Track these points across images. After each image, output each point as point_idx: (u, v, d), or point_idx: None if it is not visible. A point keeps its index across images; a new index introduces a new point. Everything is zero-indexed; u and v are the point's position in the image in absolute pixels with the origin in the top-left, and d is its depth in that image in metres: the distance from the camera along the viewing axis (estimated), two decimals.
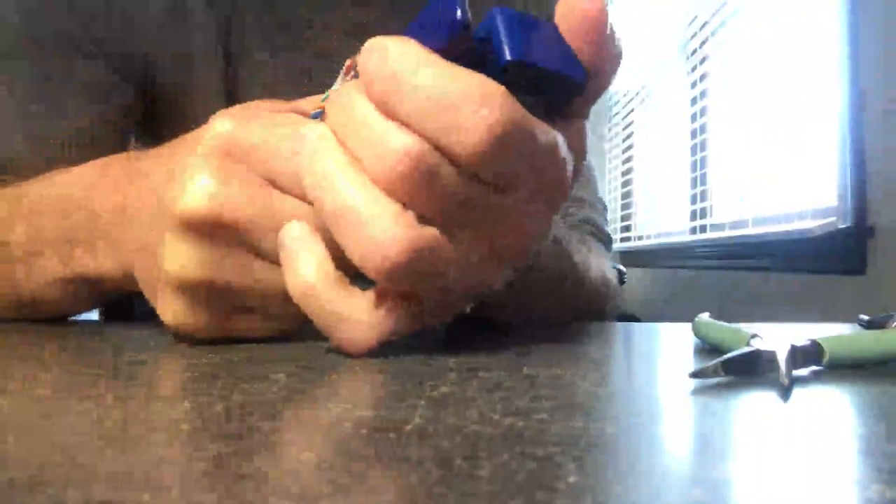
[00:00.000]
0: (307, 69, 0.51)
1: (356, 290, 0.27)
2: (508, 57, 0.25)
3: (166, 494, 0.12)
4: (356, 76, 0.28)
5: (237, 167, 0.28)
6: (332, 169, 0.26)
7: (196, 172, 0.28)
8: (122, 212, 0.33)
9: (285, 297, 0.29)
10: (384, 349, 0.27)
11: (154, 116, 0.52)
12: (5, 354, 0.30)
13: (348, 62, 0.29)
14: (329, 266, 0.27)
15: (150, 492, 0.12)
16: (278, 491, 0.12)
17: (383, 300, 0.27)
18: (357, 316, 0.27)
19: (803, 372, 0.24)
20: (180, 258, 0.28)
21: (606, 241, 0.64)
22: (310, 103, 0.31)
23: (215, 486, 0.12)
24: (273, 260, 0.29)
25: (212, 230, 0.28)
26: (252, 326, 0.31)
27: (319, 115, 0.29)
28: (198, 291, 0.29)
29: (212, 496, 0.12)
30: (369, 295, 0.27)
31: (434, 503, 0.11)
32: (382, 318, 0.27)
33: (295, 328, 0.31)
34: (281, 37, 0.51)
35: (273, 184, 0.28)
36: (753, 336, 0.25)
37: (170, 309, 0.30)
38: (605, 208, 0.66)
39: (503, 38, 0.25)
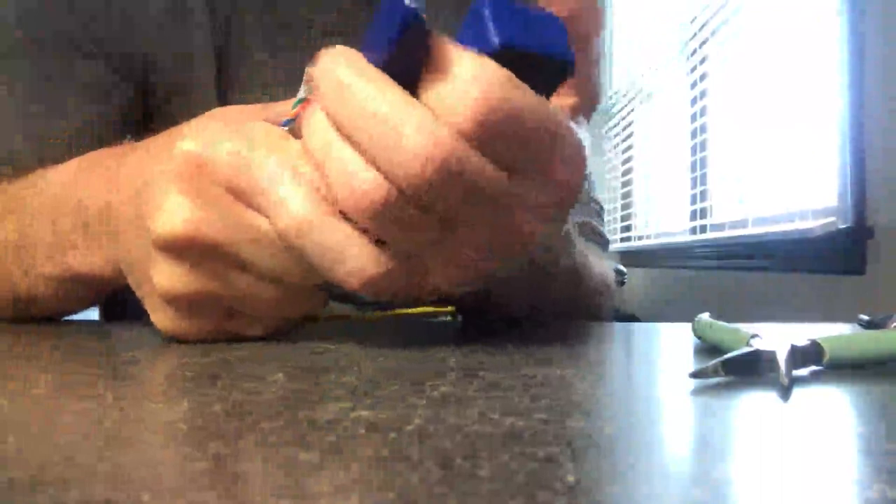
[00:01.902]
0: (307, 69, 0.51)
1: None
2: (496, 41, 0.25)
3: (166, 494, 0.12)
4: None
5: (205, 185, 0.28)
6: (309, 214, 0.26)
7: (167, 195, 0.28)
8: (108, 212, 0.34)
9: (274, 304, 0.30)
10: (384, 342, 0.27)
11: (154, 116, 0.52)
12: (4, 355, 0.30)
13: (309, 70, 0.29)
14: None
15: (150, 492, 0.12)
16: (278, 491, 0.12)
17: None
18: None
19: (803, 372, 0.24)
20: (166, 274, 0.29)
21: (604, 243, 0.64)
22: (284, 106, 0.31)
23: (215, 485, 0.12)
24: (254, 270, 0.29)
25: (190, 249, 0.28)
26: (242, 328, 0.31)
27: (290, 124, 0.29)
28: (186, 302, 0.30)
29: (211, 496, 0.12)
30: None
31: (434, 503, 0.11)
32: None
33: (285, 329, 0.32)
34: (281, 37, 0.51)
35: (241, 197, 0.28)
36: (753, 336, 0.25)
37: (161, 316, 0.31)
38: (601, 209, 0.66)
39: (489, 23, 0.25)
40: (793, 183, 1.43)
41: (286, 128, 0.29)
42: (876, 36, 1.10)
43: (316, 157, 0.26)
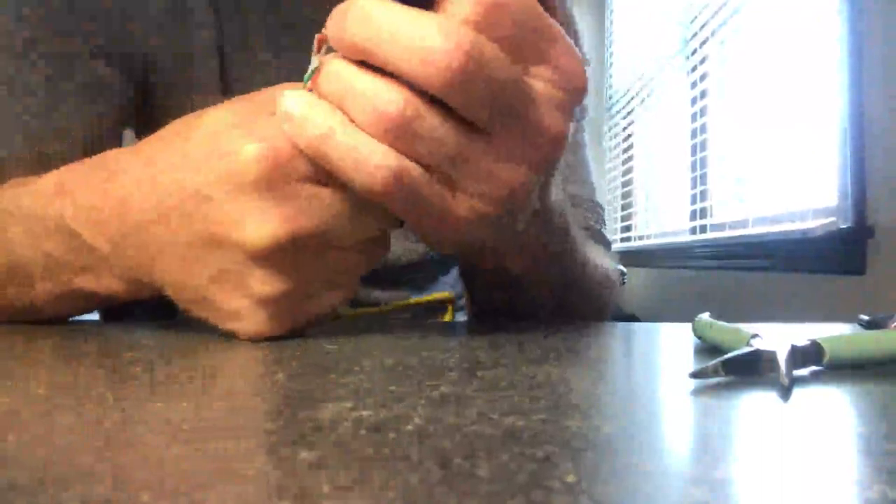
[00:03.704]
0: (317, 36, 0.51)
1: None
2: None
3: (166, 494, 0.12)
4: (329, 50, 0.29)
5: (281, 180, 0.29)
6: (329, 121, 0.28)
7: (247, 204, 0.29)
8: (113, 242, 0.33)
9: (354, 267, 0.32)
10: (383, 342, 0.27)
11: (154, 116, 0.52)
12: (5, 355, 0.30)
13: (318, 36, 0.30)
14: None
15: (150, 492, 0.12)
16: (278, 491, 0.12)
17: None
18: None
19: (803, 372, 0.24)
20: (267, 280, 0.30)
21: (605, 244, 0.64)
22: (271, 91, 0.32)
23: (215, 485, 0.12)
24: (339, 242, 0.31)
25: (291, 247, 0.29)
26: (317, 308, 0.32)
27: None
28: (285, 298, 0.30)
29: (212, 496, 0.12)
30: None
31: (434, 503, 0.11)
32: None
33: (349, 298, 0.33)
34: (285, 37, 0.51)
35: (311, 178, 0.29)
36: (753, 336, 0.25)
37: (251, 322, 0.31)
38: (602, 210, 0.66)
39: None
40: (793, 183, 1.43)
41: None
42: (876, 36, 1.10)
43: (336, 100, 0.28)
